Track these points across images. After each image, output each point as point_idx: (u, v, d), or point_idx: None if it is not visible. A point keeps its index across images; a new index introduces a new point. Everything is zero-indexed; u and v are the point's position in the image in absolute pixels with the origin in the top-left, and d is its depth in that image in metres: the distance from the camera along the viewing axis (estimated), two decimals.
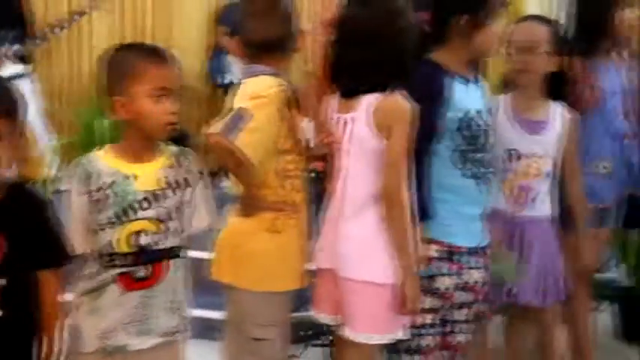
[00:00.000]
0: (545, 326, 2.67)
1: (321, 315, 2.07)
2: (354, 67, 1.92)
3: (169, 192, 1.75)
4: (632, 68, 2.69)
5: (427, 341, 2.10)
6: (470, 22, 2.03)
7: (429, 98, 1.98)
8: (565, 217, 2.48)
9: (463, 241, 2.10)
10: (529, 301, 2.42)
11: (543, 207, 2.41)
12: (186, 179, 1.79)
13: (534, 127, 2.38)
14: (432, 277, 2.06)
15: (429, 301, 2.06)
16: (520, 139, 2.36)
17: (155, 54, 1.74)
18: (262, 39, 1.99)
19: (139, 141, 1.75)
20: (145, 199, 1.72)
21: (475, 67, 2.34)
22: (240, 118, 1.87)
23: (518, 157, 2.36)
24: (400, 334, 1.97)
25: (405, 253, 1.91)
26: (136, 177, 1.72)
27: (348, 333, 1.96)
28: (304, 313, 2.64)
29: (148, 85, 1.68)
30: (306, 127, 2.11)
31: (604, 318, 3.44)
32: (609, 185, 2.59)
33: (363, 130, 1.90)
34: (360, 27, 1.92)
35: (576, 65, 2.51)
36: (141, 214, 1.71)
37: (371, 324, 1.94)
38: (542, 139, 2.37)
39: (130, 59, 1.72)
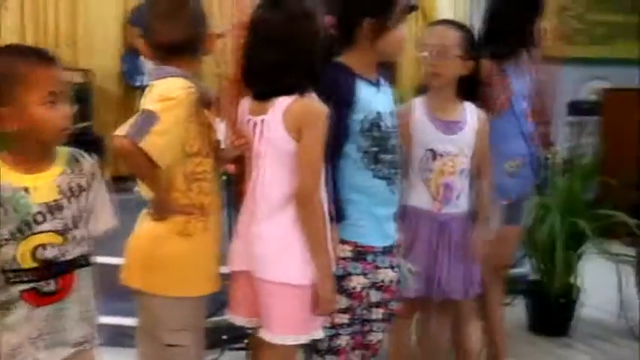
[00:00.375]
0: (461, 320, 2.73)
1: (237, 318, 2.05)
2: (266, 69, 1.90)
3: (65, 201, 1.67)
4: (540, 73, 2.79)
5: (343, 341, 2.11)
6: (375, 26, 2.04)
7: (338, 100, 1.97)
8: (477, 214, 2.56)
9: (376, 241, 2.11)
10: (457, 295, 2.47)
11: (464, 204, 2.47)
12: (79, 184, 1.72)
13: (449, 127, 2.42)
14: (345, 277, 2.07)
15: (344, 301, 2.07)
16: (436, 139, 2.40)
17: (41, 56, 1.64)
18: (169, 41, 1.95)
19: (33, 151, 1.65)
20: (40, 212, 1.63)
21: (388, 69, 2.38)
22: (147, 120, 1.82)
23: (435, 157, 2.40)
24: (317, 335, 1.97)
25: (320, 254, 1.91)
26: (31, 189, 1.62)
27: (265, 335, 1.95)
28: (221, 318, 2.64)
29: (39, 91, 1.58)
30: (219, 129, 2.09)
31: (518, 311, 3.57)
32: (516, 183, 2.67)
33: (276, 133, 1.89)
34: (272, 29, 1.90)
35: (488, 68, 2.58)
36: (39, 227, 1.63)
37: (287, 325, 1.93)
38: (457, 138, 2.42)
39: (15, 65, 1.60)
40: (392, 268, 2.16)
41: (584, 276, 3.35)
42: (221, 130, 2.10)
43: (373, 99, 2.06)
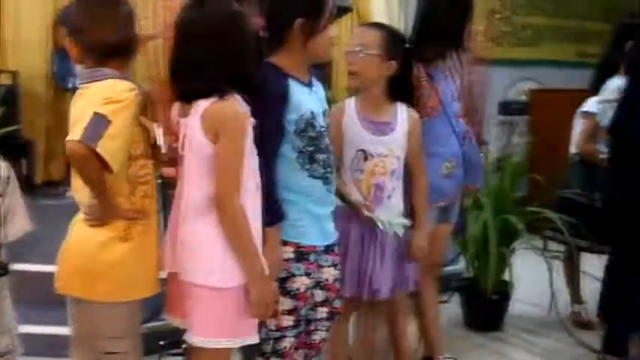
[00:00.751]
0: (396, 318, 2.77)
1: (173, 319, 2.03)
2: (187, 70, 1.87)
3: None
4: (470, 74, 2.85)
5: (288, 343, 2.11)
6: (305, 27, 2.04)
7: (272, 100, 1.99)
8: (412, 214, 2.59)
9: (317, 241, 2.12)
10: (387, 294, 2.49)
11: (395, 204, 2.50)
12: None
13: (380, 128, 2.45)
14: (289, 279, 2.08)
15: (288, 303, 2.08)
16: (367, 140, 2.43)
17: None
18: (104, 43, 1.92)
19: None
20: None
21: (322, 70, 2.39)
22: (99, 124, 1.78)
23: (366, 158, 2.42)
24: (250, 339, 1.94)
25: (245, 257, 1.88)
26: None
27: (187, 337, 1.93)
28: (158, 323, 2.60)
29: None
30: (157, 131, 2.07)
31: (454, 308, 3.64)
32: (451, 183, 2.72)
33: (197, 135, 1.86)
34: (193, 29, 1.87)
35: (419, 70, 2.62)
36: None
37: (208, 328, 1.90)
38: (388, 139, 2.45)
39: None
40: (334, 266, 2.19)
41: (516, 272, 3.43)
42: (159, 132, 2.08)
43: (306, 99, 2.07)
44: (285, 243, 2.06)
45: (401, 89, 2.49)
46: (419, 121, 2.54)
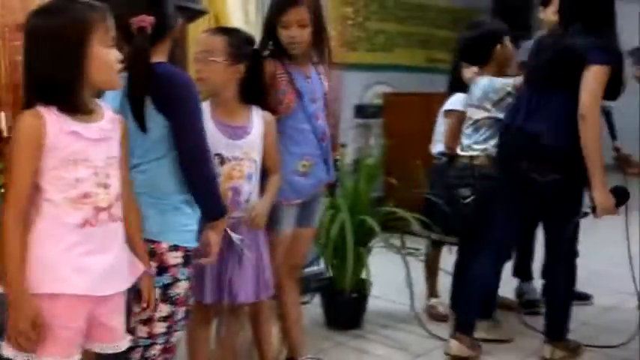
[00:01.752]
0: (259, 321, 2.79)
1: None
2: (31, 77, 1.76)
3: None
4: (329, 77, 2.90)
5: (157, 350, 2.08)
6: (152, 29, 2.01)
7: (195, 100, 2.02)
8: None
9: (195, 242, 2.13)
10: (246, 299, 2.51)
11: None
12: None
13: (235, 132, 2.46)
14: (173, 284, 2.06)
15: (166, 309, 2.05)
16: (223, 144, 2.42)
17: None
18: None
19: None
20: None
21: None
22: None
23: (222, 162, 2.42)
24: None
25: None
26: None
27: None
28: None
29: None
30: None
31: (316, 309, 3.69)
32: (307, 182, 2.74)
33: None
34: (28, 36, 1.75)
35: (272, 69, 2.64)
36: None
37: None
38: (244, 142, 2.46)
39: None
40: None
41: (374, 270, 3.53)
42: None
43: None
44: (176, 248, 2.05)
45: (253, 91, 2.51)
46: (274, 123, 2.57)
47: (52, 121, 1.71)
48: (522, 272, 3.97)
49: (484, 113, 3.35)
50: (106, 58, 1.78)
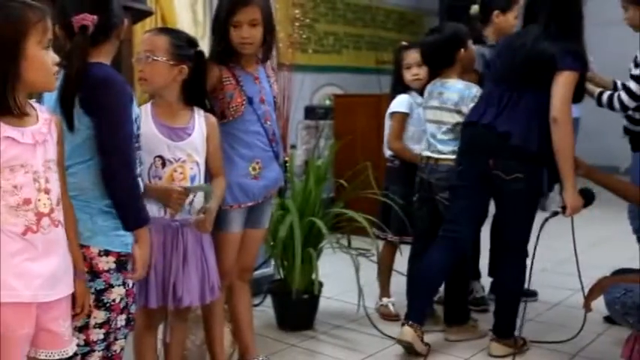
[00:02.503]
0: (210, 324, 2.78)
1: None
2: None
3: None
4: (275, 78, 2.90)
5: (97, 358, 2.03)
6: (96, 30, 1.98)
7: (127, 100, 1.99)
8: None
9: (130, 247, 2.08)
10: (191, 302, 2.48)
11: (198, 208, 2.47)
12: None
13: (177, 133, 2.43)
14: (107, 290, 2.02)
15: (102, 315, 2.01)
16: (164, 146, 2.40)
17: None
18: None
19: None
20: None
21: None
22: None
23: (164, 164, 2.40)
24: None
25: None
26: None
27: None
28: None
29: None
30: None
31: (267, 311, 3.68)
32: (258, 184, 2.74)
33: None
34: None
35: (217, 73, 2.63)
36: None
37: None
38: (185, 144, 2.43)
39: None
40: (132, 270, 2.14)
41: (326, 271, 3.53)
42: None
43: None
44: (107, 253, 2.00)
45: (196, 93, 2.49)
46: (217, 125, 2.55)
47: None
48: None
49: (461, 117, 3.37)
50: (42, 59, 1.73)
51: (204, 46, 2.73)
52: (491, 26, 3.86)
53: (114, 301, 2.03)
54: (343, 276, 3.54)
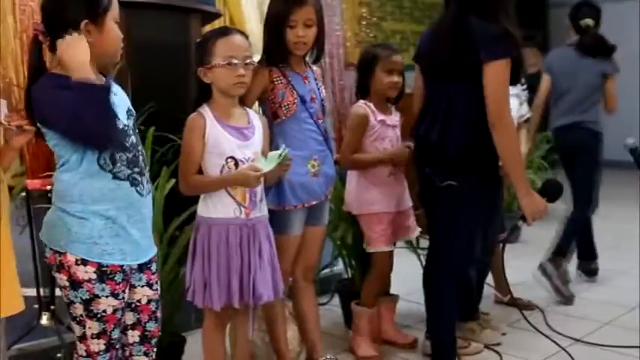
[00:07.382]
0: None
1: None
2: None
3: None
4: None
5: None
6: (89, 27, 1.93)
7: None
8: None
9: (124, 260, 2.00)
10: (268, 298, 2.47)
11: (264, 207, 2.52)
12: None
13: (243, 133, 2.45)
14: (93, 300, 1.97)
15: (96, 326, 1.99)
16: (235, 147, 2.41)
17: None
18: None
19: None
20: None
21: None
22: None
23: (236, 164, 2.41)
24: None
25: None
26: None
27: None
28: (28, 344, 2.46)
29: None
30: None
31: (335, 310, 3.69)
32: (319, 182, 2.75)
33: None
34: None
35: (272, 71, 2.66)
36: None
37: None
38: (251, 143, 2.46)
39: None
40: (149, 286, 2.13)
41: (395, 269, 3.51)
42: None
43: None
44: (84, 262, 1.94)
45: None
46: (266, 124, 2.58)
47: None
48: None
49: None
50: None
51: None
52: None
53: (104, 312, 1.98)
54: (410, 275, 3.51)
